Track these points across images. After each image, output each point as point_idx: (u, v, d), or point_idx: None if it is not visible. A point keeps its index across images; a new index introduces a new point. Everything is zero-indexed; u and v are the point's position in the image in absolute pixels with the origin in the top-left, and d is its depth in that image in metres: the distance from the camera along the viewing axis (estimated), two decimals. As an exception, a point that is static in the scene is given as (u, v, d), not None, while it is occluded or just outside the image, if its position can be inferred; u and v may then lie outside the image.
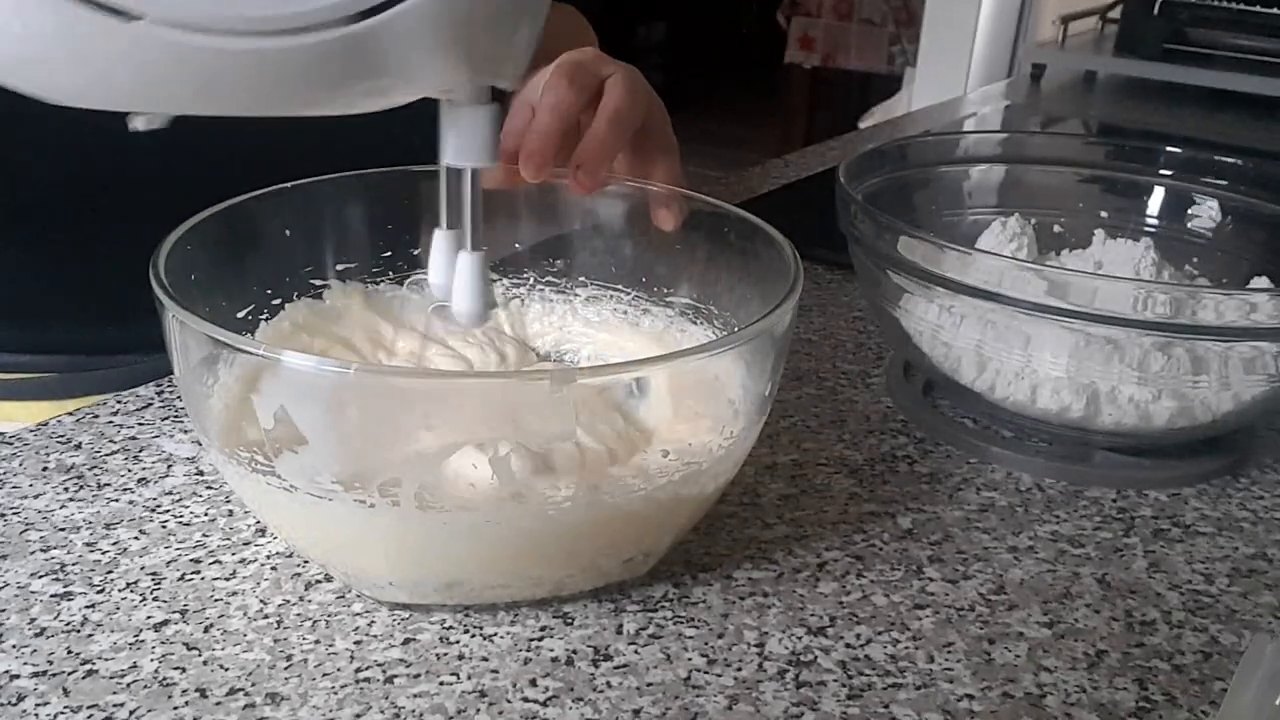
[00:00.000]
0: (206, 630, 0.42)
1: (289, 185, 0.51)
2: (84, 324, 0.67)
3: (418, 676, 0.41)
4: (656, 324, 0.57)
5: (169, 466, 0.53)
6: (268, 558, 0.47)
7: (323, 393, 0.39)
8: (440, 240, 0.45)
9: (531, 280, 0.58)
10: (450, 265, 0.45)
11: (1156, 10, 1.63)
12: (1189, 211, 0.70)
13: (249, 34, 0.32)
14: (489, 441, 0.41)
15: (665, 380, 0.49)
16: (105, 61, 0.32)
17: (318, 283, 0.54)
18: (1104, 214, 0.72)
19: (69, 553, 0.46)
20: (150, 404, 0.58)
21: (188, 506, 0.50)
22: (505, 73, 0.39)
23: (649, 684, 0.41)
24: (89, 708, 0.38)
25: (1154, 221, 0.71)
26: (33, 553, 0.46)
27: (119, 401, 0.59)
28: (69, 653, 0.41)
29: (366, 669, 0.41)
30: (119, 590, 0.44)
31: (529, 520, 0.41)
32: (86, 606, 0.43)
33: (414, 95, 0.37)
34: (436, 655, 0.42)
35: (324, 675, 0.40)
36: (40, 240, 0.64)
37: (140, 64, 0.32)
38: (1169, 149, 0.72)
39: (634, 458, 0.45)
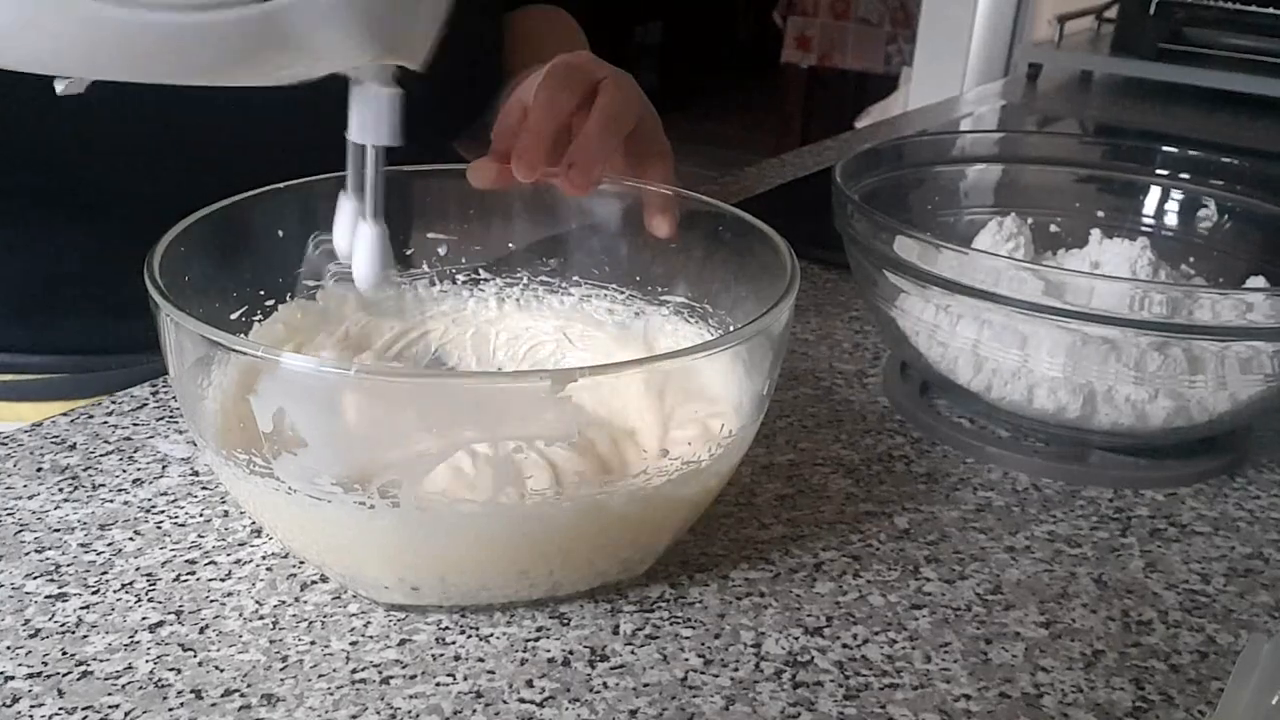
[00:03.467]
0: (202, 631, 0.42)
1: (282, 185, 0.51)
2: (92, 324, 0.67)
3: (414, 677, 0.40)
4: (652, 324, 0.56)
5: (164, 467, 0.53)
6: (263, 559, 0.47)
7: (322, 394, 0.39)
8: (344, 204, 0.47)
9: (525, 280, 0.58)
10: (351, 231, 0.47)
11: (1152, 10, 1.63)
12: (1185, 211, 0.70)
13: (164, 8, 0.33)
14: (488, 442, 0.41)
15: (663, 380, 0.49)
16: (29, 28, 0.33)
17: (310, 283, 0.54)
18: (1100, 213, 0.72)
19: (64, 554, 0.46)
20: (145, 404, 0.58)
21: (183, 507, 0.50)
22: (408, 54, 0.40)
23: (645, 684, 0.41)
24: (84, 709, 0.38)
25: (1150, 221, 0.71)
26: (27, 554, 0.46)
27: (114, 402, 0.58)
28: (64, 654, 0.41)
29: (362, 670, 0.41)
30: (114, 591, 0.44)
31: (527, 521, 0.40)
32: (81, 607, 0.43)
33: (321, 72, 0.38)
34: (433, 656, 0.42)
35: (320, 676, 0.40)
36: (49, 240, 0.64)
37: (61, 32, 0.33)
38: (1165, 149, 0.72)
39: (631, 458, 0.45)
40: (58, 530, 0.48)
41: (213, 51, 0.35)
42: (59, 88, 0.38)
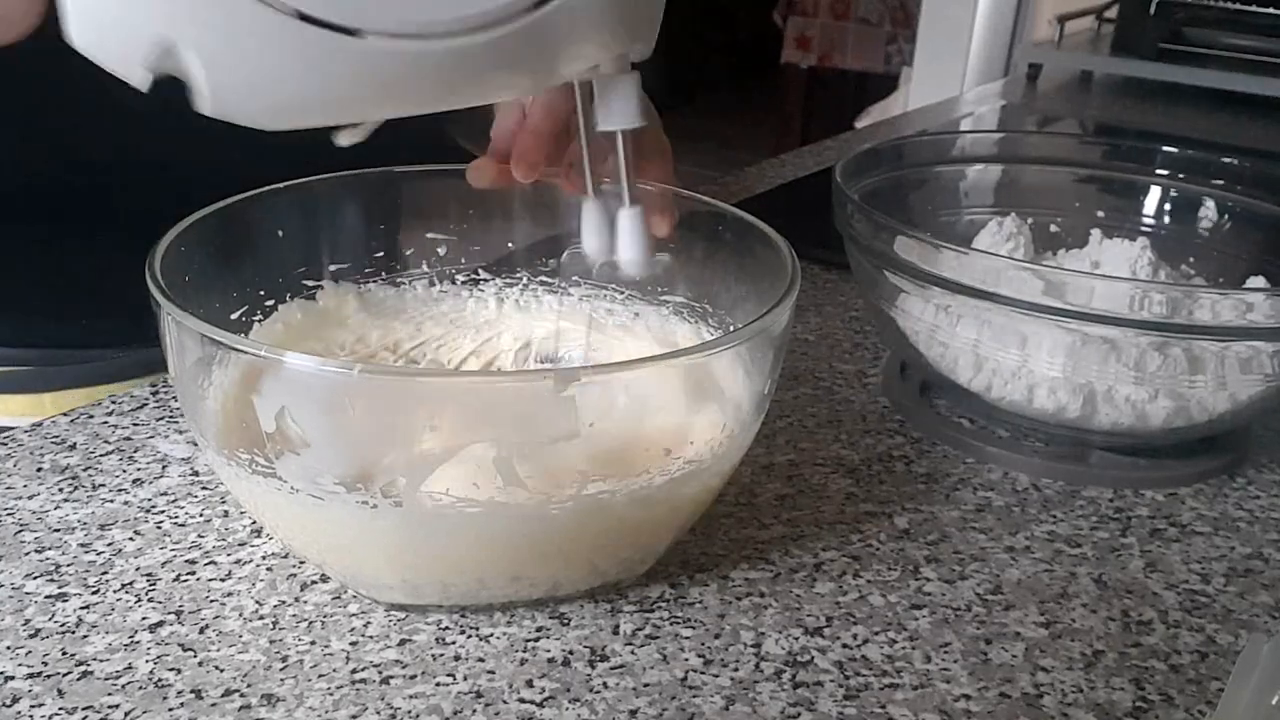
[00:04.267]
0: (202, 631, 0.42)
1: (281, 185, 0.51)
2: (66, 316, 0.67)
3: (414, 677, 0.40)
4: (652, 323, 0.56)
5: (164, 467, 0.53)
6: (263, 558, 0.47)
7: (325, 394, 0.39)
8: (589, 208, 0.49)
9: (525, 280, 0.58)
10: (604, 229, 0.48)
11: (1153, 10, 1.63)
12: (1185, 211, 0.70)
13: (454, 34, 0.35)
14: (491, 441, 0.41)
15: (663, 379, 0.49)
16: (330, 79, 0.35)
17: (310, 283, 0.54)
18: (1100, 213, 0.72)
19: (64, 554, 0.46)
20: (145, 404, 0.58)
21: (183, 507, 0.50)
22: (644, 39, 0.42)
23: (645, 685, 0.41)
24: (84, 709, 0.38)
25: (1150, 221, 0.71)
26: (27, 554, 0.46)
27: (114, 402, 0.58)
28: (64, 654, 0.41)
29: (362, 670, 0.41)
30: (114, 591, 0.44)
31: (529, 520, 0.40)
32: (81, 607, 0.43)
33: (571, 75, 0.40)
34: (433, 656, 0.42)
35: (320, 676, 0.40)
36: (22, 233, 0.64)
37: (358, 76, 0.35)
38: (1165, 149, 0.72)
39: (632, 457, 0.45)
40: (58, 530, 0.48)
41: (493, 69, 0.37)
42: (342, 141, 0.39)
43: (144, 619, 0.43)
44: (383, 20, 0.34)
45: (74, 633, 0.42)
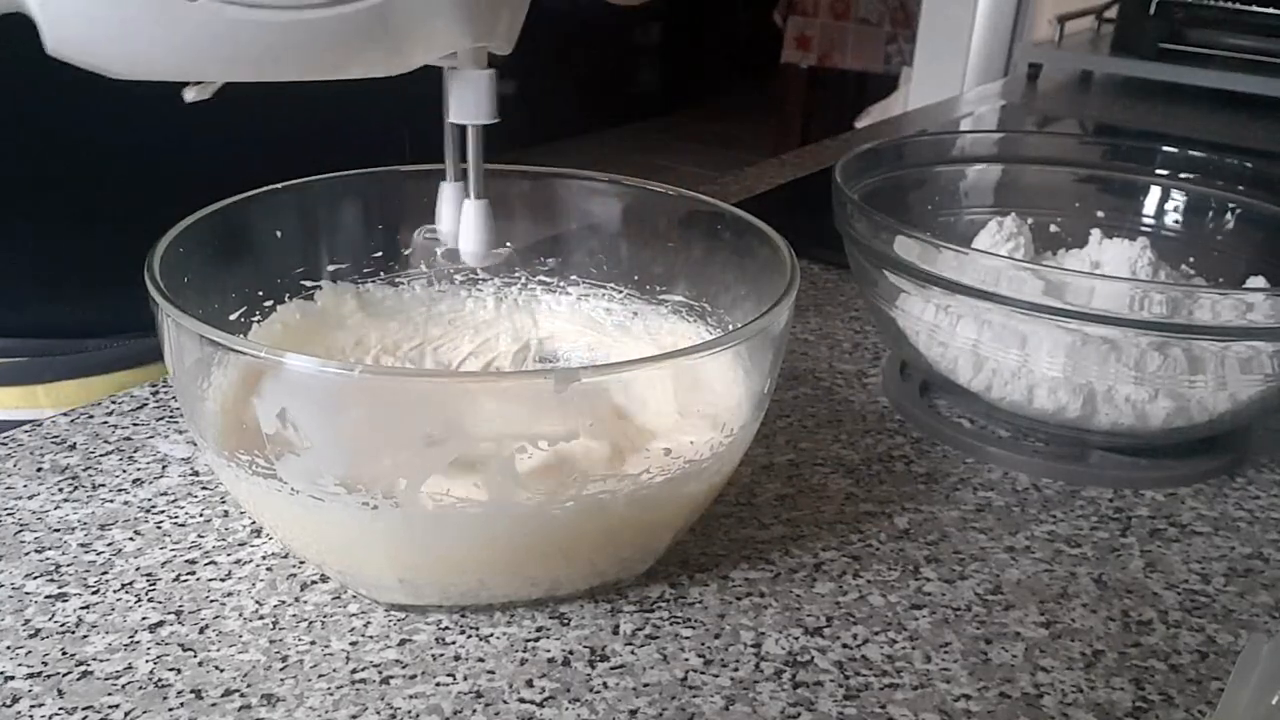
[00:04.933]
0: (202, 631, 0.42)
1: (279, 186, 0.51)
2: (58, 306, 0.67)
3: (414, 677, 0.40)
4: (651, 323, 0.56)
5: (164, 467, 0.53)
6: (263, 558, 0.47)
7: (326, 394, 0.39)
8: (445, 191, 0.50)
9: (524, 279, 0.58)
10: (456, 213, 0.49)
11: (1152, 10, 1.63)
12: (1185, 211, 0.70)
13: (294, 7, 0.36)
14: (491, 441, 0.41)
15: (663, 379, 0.49)
16: (169, 36, 0.35)
17: (309, 284, 0.54)
18: (1100, 213, 0.72)
19: (63, 554, 0.46)
20: (145, 404, 0.58)
21: (183, 507, 0.50)
22: (502, 37, 0.43)
23: (645, 684, 0.41)
24: (84, 709, 0.38)
25: (1150, 221, 0.71)
26: (27, 554, 0.46)
27: (114, 402, 0.58)
28: (63, 654, 0.41)
29: (362, 670, 0.41)
30: (114, 591, 0.44)
31: (529, 520, 0.40)
32: (81, 607, 0.43)
33: (423, 61, 0.41)
34: (433, 656, 0.42)
35: (320, 676, 0.40)
36: (11, 221, 0.64)
37: (199, 38, 0.35)
38: (1165, 149, 0.72)
39: (632, 457, 0.45)
40: (58, 530, 0.48)
41: (336, 46, 0.38)
42: (187, 95, 0.39)
43: (144, 619, 0.43)
44: None
45: (74, 633, 0.42)
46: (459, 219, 0.49)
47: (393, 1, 0.37)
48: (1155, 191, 0.71)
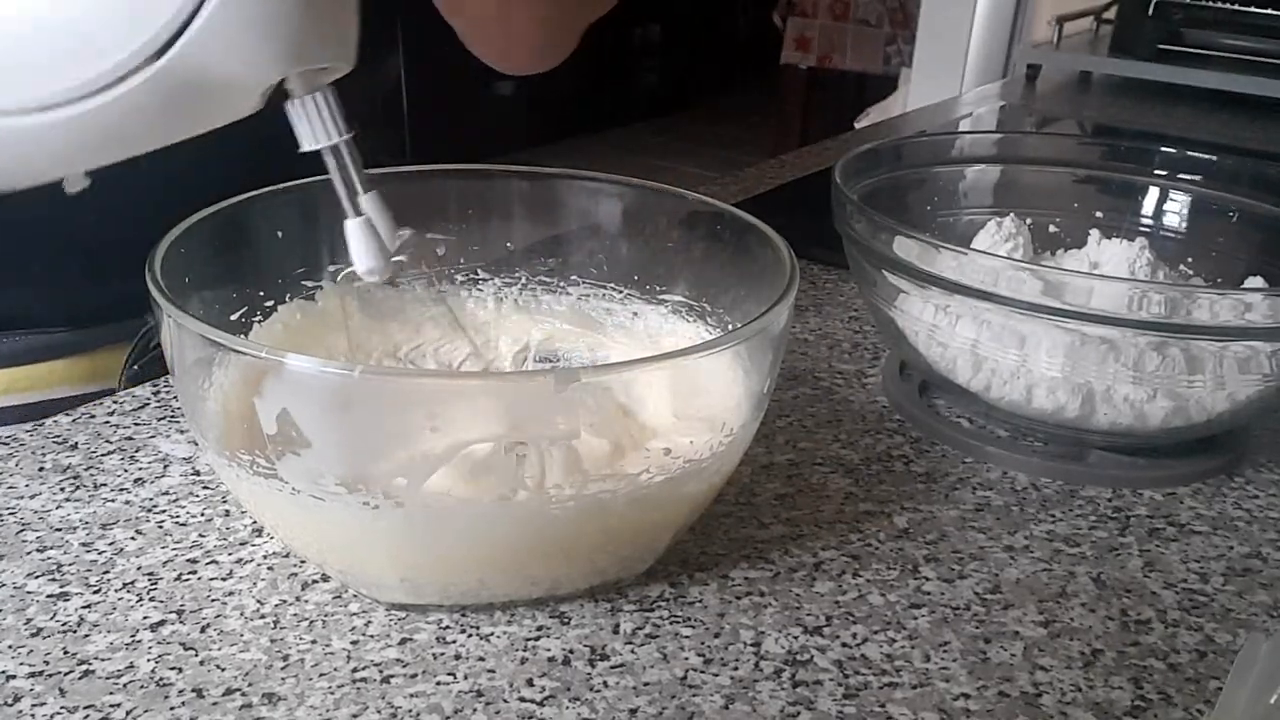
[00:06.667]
0: (203, 630, 0.42)
1: (281, 186, 0.51)
2: (58, 289, 0.67)
3: (414, 676, 0.41)
4: (651, 323, 0.57)
5: (165, 467, 0.53)
6: (264, 558, 0.47)
7: (327, 395, 0.39)
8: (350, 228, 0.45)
9: (524, 279, 0.58)
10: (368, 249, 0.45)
11: (1151, 11, 1.63)
12: (1184, 211, 0.70)
13: (62, 105, 0.33)
14: (492, 441, 0.41)
15: (663, 379, 0.49)
16: None
17: (309, 284, 0.54)
18: (1099, 214, 0.72)
19: (65, 553, 0.46)
20: (146, 404, 0.58)
21: (184, 507, 0.50)
22: (335, 55, 0.38)
23: (645, 684, 0.41)
24: (85, 708, 0.38)
25: (1149, 221, 0.71)
26: (29, 553, 0.46)
27: (115, 402, 0.59)
28: (65, 653, 0.41)
29: (363, 669, 0.41)
30: (115, 590, 0.44)
31: (530, 520, 0.41)
32: (83, 607, 0.43)
33: (252, 102, 0.37)
34: (433, 655, 0.42)
35: (321, 675, 0.40)
36: (6, 209, 0.64)
37: (6, 147, 0.34)
38: (1164, 149, 0.72)
39: (633, 456, 0.45)
40: (59, 530, 0.48)
41: (135, 124, 0.34)
42: (68, 190, 0.38)
43: (145, 618, 0.43)
44: None
45: (75, 632, 0.42)
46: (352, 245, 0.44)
47: (180, 56, 0.33)
48: (1154, 192, 0.71)
